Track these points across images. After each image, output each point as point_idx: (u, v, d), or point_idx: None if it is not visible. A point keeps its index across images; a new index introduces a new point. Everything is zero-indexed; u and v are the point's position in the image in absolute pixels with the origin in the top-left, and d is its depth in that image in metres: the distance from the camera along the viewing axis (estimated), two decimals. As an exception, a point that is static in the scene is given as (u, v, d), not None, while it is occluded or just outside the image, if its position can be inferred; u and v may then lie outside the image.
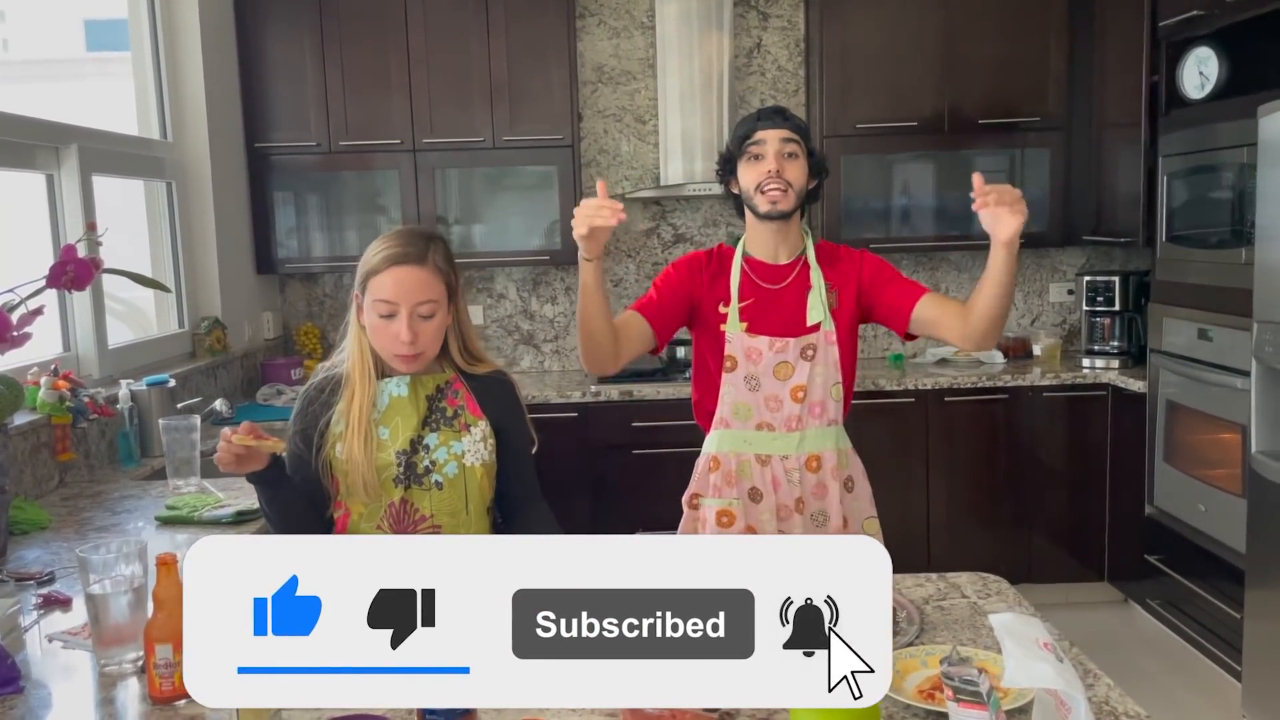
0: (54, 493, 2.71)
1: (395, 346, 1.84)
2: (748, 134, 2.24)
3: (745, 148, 2.24)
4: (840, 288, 2.28)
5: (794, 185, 2.21)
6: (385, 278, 1.84)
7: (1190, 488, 3.57)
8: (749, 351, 2.26)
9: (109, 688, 1.51)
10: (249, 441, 1.72)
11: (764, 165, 2.21)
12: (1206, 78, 3.47)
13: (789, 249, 2.29)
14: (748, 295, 2.27)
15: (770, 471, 2.27)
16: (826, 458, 2.29)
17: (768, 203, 2.21)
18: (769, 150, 2.21)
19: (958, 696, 1.09)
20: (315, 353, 4.51)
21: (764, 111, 2.26)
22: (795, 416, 2.26)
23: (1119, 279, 4.23)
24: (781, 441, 2.27)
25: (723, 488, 2.28)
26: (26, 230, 3.21)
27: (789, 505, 2.26)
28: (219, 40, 4.02)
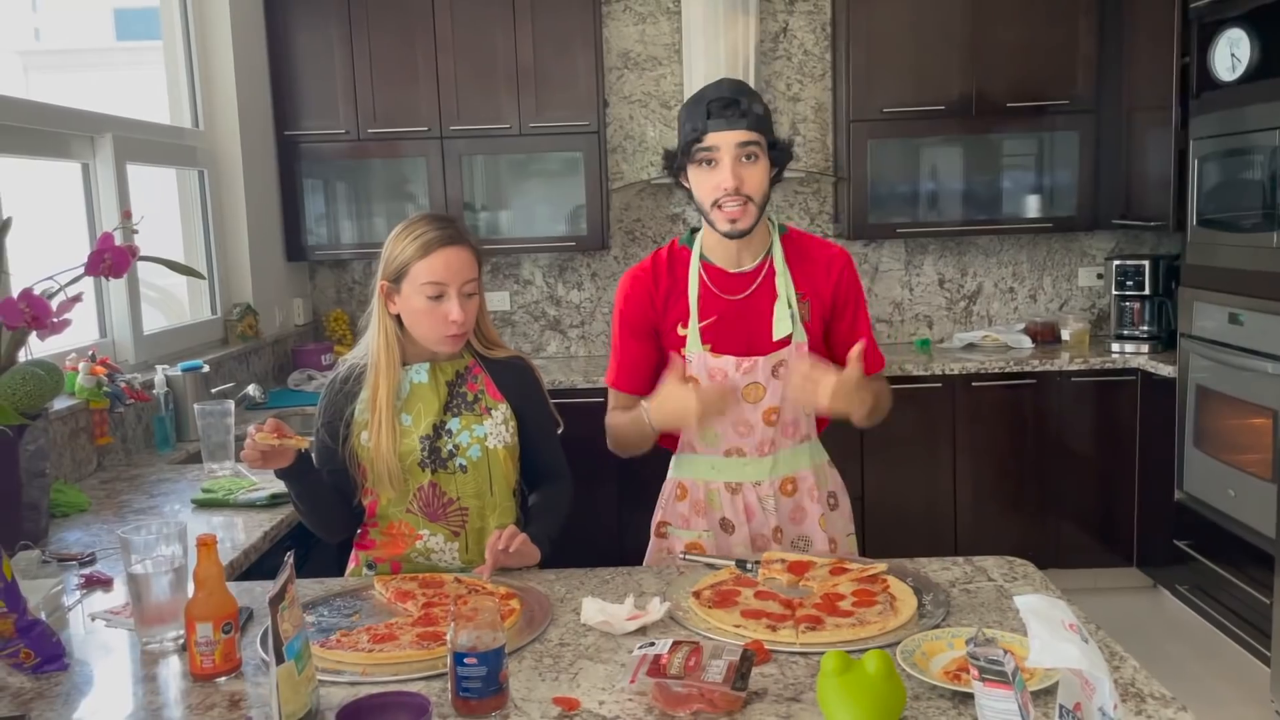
0: (92, 476, 2.76)
1: (445, 328, 1.87)
2: (696, 136, 1.91)
3: (694, 152, 1.93)
4: (811, 297, 2.04)
5: (755, 197, 1.93)
6: (435, 260, 1.86)
7: (1220, 473, 3.55)
8: (712, 373, 2.01)
9: (150, 665, 1.55)
10: (272, 440, 1.75)
11: (718, 177, 1.91)
12: (1238, 59, 3.43)
13: (753, 252, 2.03)
14: (709, 311, 2.01)
15: (742, 499, 2.07)
16: (802, 478, 2.09)
17: (726, 221, 1.93)
18: (724, 158, 1.90)
19: (983, 676, 1.10)
20: (345, 339, 4.56)
21: (714, 104, 1.91)
22: (768, 440, 2.05)
23: (1149, 263, 4.20)
24: (753, 467, 2.06)
25: (691, 518, 2.09)
26: (62, 218, 3.26)
27: (765, 535, 2.07)
28: (249, 29, 4.06)
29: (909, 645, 1.47)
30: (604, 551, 2.59)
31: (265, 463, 1.78)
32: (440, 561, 1.95)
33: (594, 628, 1.60)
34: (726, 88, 1.95)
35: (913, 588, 1.70)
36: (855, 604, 1.64)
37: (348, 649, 1.50)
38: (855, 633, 1.53)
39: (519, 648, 1.51)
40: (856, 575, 1.75)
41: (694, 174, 1.97)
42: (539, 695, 1.39)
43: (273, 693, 1.25)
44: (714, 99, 1.92)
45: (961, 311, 4.72)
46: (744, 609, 1.64)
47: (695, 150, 1.93)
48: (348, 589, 1.81)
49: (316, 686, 1.35)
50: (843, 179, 4.42)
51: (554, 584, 1.82)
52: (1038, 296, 4.71)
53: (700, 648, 1.40)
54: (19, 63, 4.84)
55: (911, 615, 1.60)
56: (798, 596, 1.70)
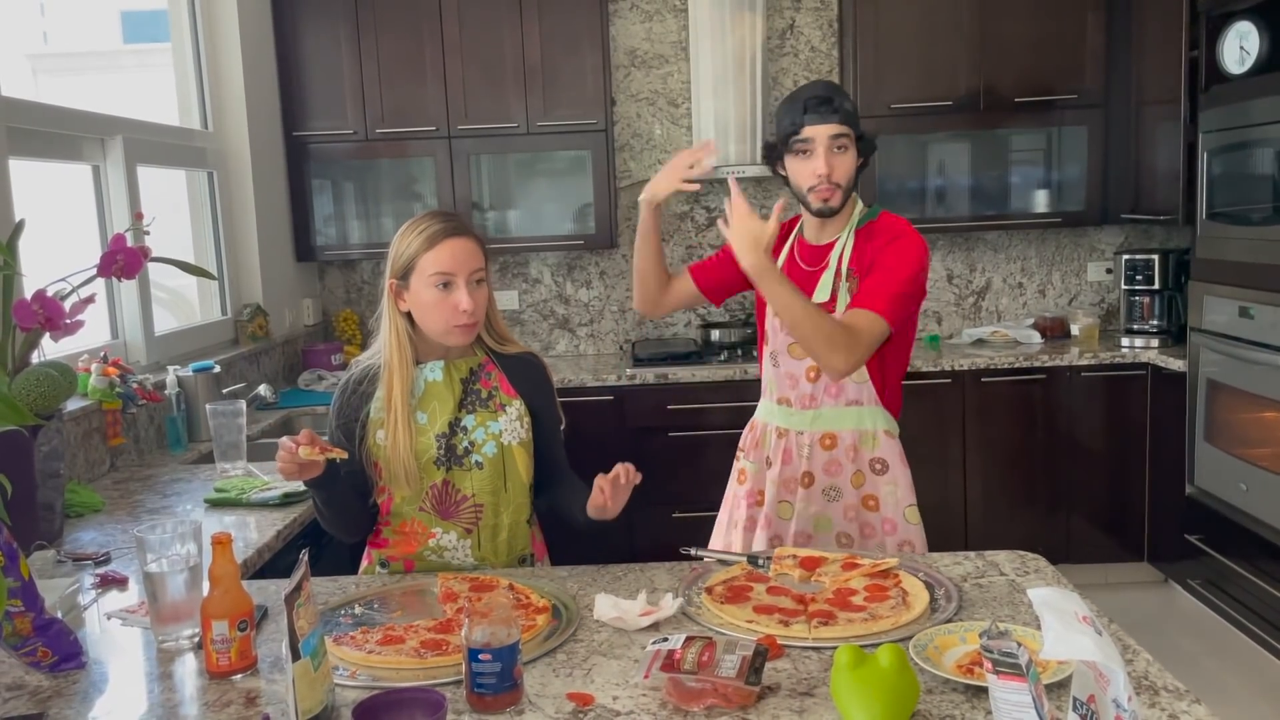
0: (105, 476, 2.78)
1: (455, 317, 1.88)
2: (795, 129, 2.16)
3: (792, 144, 2.18)
4: (859, 270, 2.22)
5: (843, 183, 2.19)
6: (441, 251, 1.88)
7: (1231, 467, 3.54)
8: (774, 330, 2.32)
9: (167, 663, 1.56)
10: (316, 456, 1.75)
11: (813, 165, 2.16)
12: (1247, 52, 3.42)
13: (833, 230, 2.28)
14: (787, 270, 2.27)
15: (785, 444, 2.31)
16: (843, 437, 2.27)
17: (819, 201, 2.20)
18: (818, 148, 2.15)
19: (997, 669, 1.11)
20: (355, 339, 4.57)
21: (810, 100, 2.15)
22: (809, 395, 2.29)
23: (1158, 257, 4.19)
24: (797, 417, 2.30)
25: (749, 450, 2.40)
26: (73, 220, 3.27)
27: (795, 479, 2.30)
28: (257, 31, 4.07)
29: (922, 639, 1.47)
30: (615, 548, 2.60)
31: (301, 474, 1.79)
32: (453, 560, 1.96)
33: (607, 624, 1.61)
34: (821, 87, 2.20)
35: (924, 582, 1.71)
36: (867, 599, 1.64)
37: (352, 646, 1.51)
38: (868, 627, 1.53)
39: (535, 658, 1.50)
40: (868, 570, 1.75)
41: (791, 163, 2.22)
42: (553, 691, 1.40)
43: (289, 689, 1.26)
44: (810, 97, 2.17)
45: (970, 307, 4.72)
46: (756, 604, 1.65)
47: (793, 142, 2.18)
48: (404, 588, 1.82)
49: (332, 683, 1.36)
50: (850, 175, 4.40)
51: (566, 581, 1.83)
52: (1047, 291, 4.70)
53: (714, 643, 1.40)
54: (28, 66, 4.86)
55: (924, 610, 1.60)
56: (810, 592, 1.70)
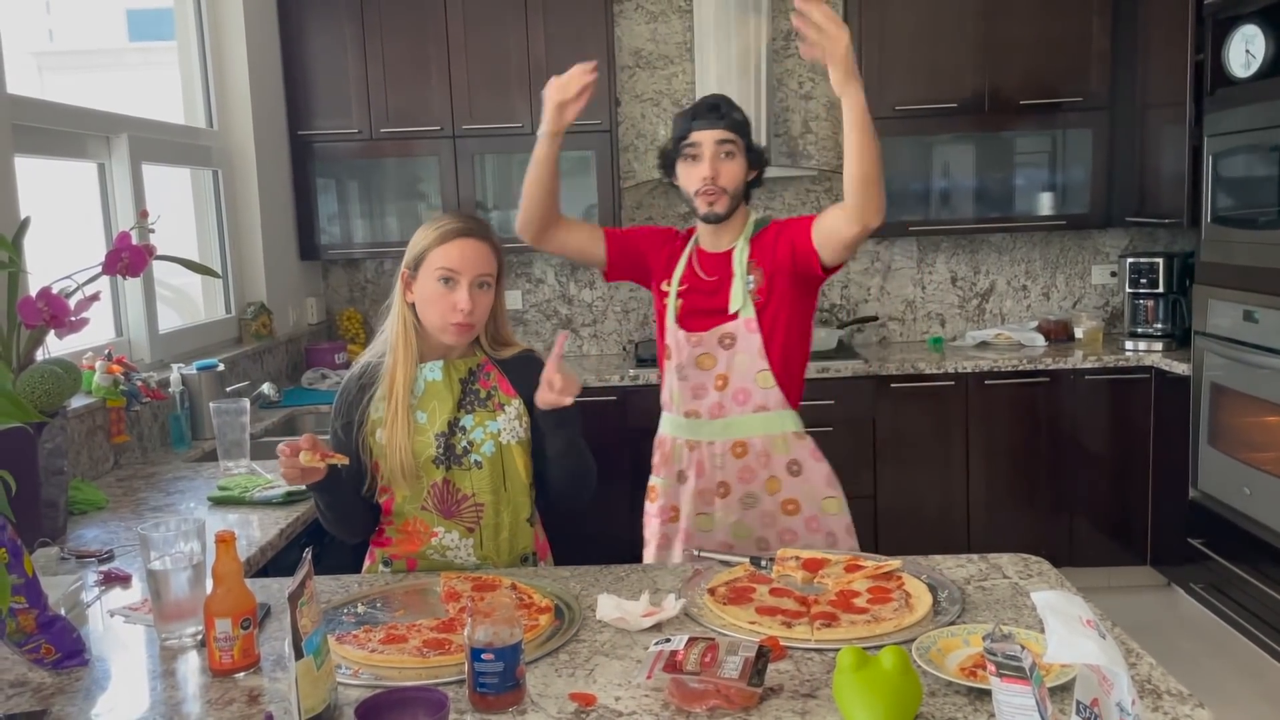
0: (109, 474, 2.78)
1: (452, 315, 1.89)
2: (683, 134, 2.24)
3: (681, 149, 2.26)
4: (764, 263, 2.27)
5: (729, 189, 2.24)
6: (451, 248, 1.90)
7: (1235, 471, 3.54)
8: (678, 344, 2.33)
9: (169, 660, 1.56)
10: (316, 463, 1.76)
11: (699, 170, 2.23)
12: (1253, 56, 3.42)
13: (728, 238, 2.33)
14: (686, 281, 2.34)
15: (696, 456, 2.34)
16: (753, 443, 2.31)
17: (705, 205, 2.25)
18: (704, 153, 2.22)
19: (1000, 671, 1.10)
20: (358, 337, 4.57)
21: (699, 109, 2.25)
22: (717, 404, 2.31)
23: (1163, 260, 4.18)
24: (706, 428, 2.32)
25: (659, 466, 2.41)
26: (78, 218, 3.28)
27: (711, 489, 2.33)
28: (262, 30, 4.07)
29: (925, 642, 1.47)
30: (617, 549, 2.60)
31: (304, 478, 1.80)
32: (455, 559, 1.96)
33: (610, 624, 1.61)
34: (712, 97, 2.30)
35: (928, 585, 1.70)
36: (870, 601, 1.64)
37: (354, 645, 1.51)
38: (870, 629, 1.53)
39: (537, 658, 1.50)
40: (871, 572, 1.75)
41: (681, 168, 2.29)
42: (555, 691, 1.40)
43: (292, 688, 1.26)
44: (699, 105, 2.28)
45: (974, 309, 4.71)
46: (759, 605, 1.64)
47: (682, 147, 2.26)
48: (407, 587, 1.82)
49: (335, 682, 1.36)
50: (855, 177, 4.40)
51: (569, 581, 1.83)
52: (1051, 294, 4.70)
53: (716, 644, 1.40)
54: (33, 63, 4.86)
55: (927, 612, 1.60)
56: (812, 594, 1.70)
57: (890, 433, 4.09)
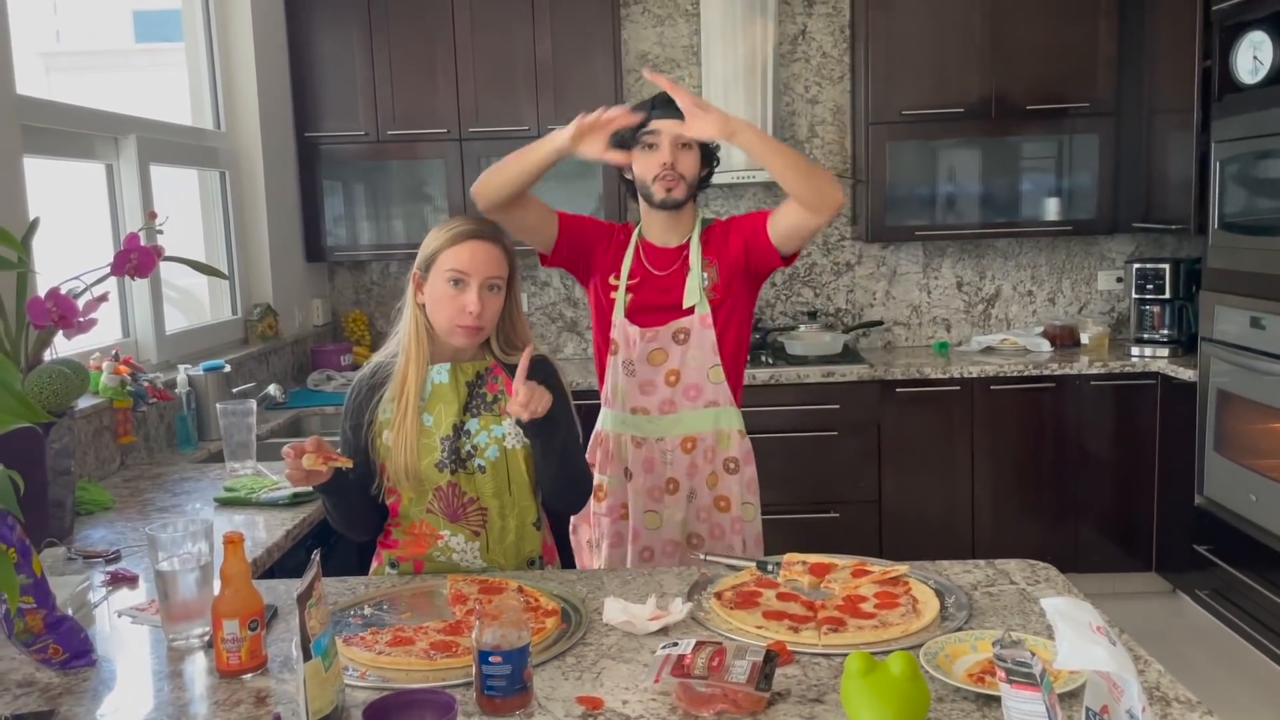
0: (115, 474, 2.78)
1: (460, 317, 1.89)
2: (643, 123, 2.25)
3: (640, 137, 2.27)
4: (717, 259, 2.33)
5: (686, 176, 2.28)
6: (461, 249, 1.90)
7: (1241, 477, 3.53)
8: (627, 338, 2.33)
9: (176, 661, 1.56)
10: (320, 467, 1.77)
11: (659, 156, 2.27)
12: (1260, 62, 3.41)
13: (680, 233, 2.36)
14: (636, 275, 2.35)
15: (644, 453, 2.35)
16: (703, 439, 2.35)
17: (663, 191, 2.28)
18: (664, 141, 2.26)
19: (1010, 678, 1.10)
20: (363, 339, 4.58)
21: (659, 99, 2.27)
22: (668, 399, 2.33)
23: (1169, 266, 4.18)
24: (655, 425, 2.34)
25: (604, 463, 2.38)
26: (83, 218, 3.28)
27: (660, 486, 2.35)
28: (270, 32, 4.08)
29: (932, 647, 1.47)
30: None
31: (308, 481, 1.81)
32: (462, 562, 1.96)
33: (616, 628, 1.60)
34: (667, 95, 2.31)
35: (935, 590, 1.70)
36: (877, 606, 1.64)
37: (362, 647, 1.51)
38: (878, 634, 1.53)
39: (544, 661, 1.50)
40: (878, 577, 1.75)
41: (639, 157, 2.30)
42: (563, 694, 1.40)
43: (300, 689, 1.26)
44: (658, 96, 2.28)
45: (980, 314, 4.71)
46: (766, 610, 1.64)
47: (641, 134, 2.27)
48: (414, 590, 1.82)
49: (343, 684, 1.36)
50: (861, 181, 4.41)
51: (575, 584, 1.83)
52: (1057, 300, 4.70)
53: (724, 648, 1.40)
54: (40, 64, 4.87)
55: (934, 618, 1.60)
56: (819, 598, 1.70)
57: (895, 437, 4.08)
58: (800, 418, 3.99)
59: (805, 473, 4.06)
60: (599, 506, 2.39)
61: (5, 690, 1.48)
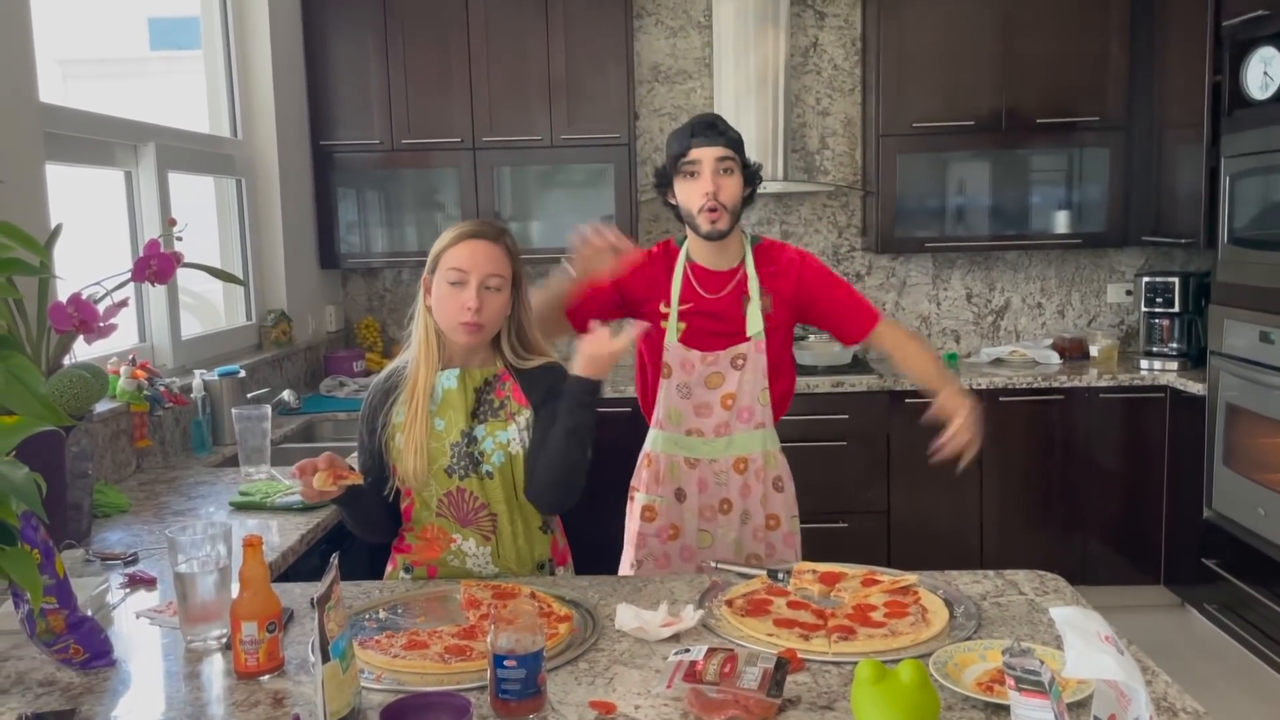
0: (131, 478, 2.81)
1: (460, 315, 1.91)
2: (682, 152, 2.26)
3: (680, 166, 2.27)
4: (775, 292, 2.34)
5: (729, 205, 2.26)
6: (460, 249, 1.93)
7: (1250, 491, 3.54)
8: (684, 362, 2.33)
9: (194, 663, 1.59)
10: (330, 488, 1.80)
11: (700, 185, 2.25)
12: (1271, 78, 3.43)
13: (729, 257, 2.35)
14: (688, 299, 2.34)
15: (698, 474, 2.36)
16: (753, 459, 2.37)
17: (708, 224, 2.26)
18: (704, 170, 2.24)
19: (1020, 686, 1.12)
20: (376, 346, 4.61)
21: (697, 126, 2.27)
22: (724, 422, 2.35)
23: (1179, 280, 4.18)
24: (709, 446, 2.36)
25: (652, 484, 2.38)
26: (100, 224, 3.31)
27: (714, 506, 2.37)
28: (287, 42, 4.12)
29: (941, 656, 1.48)
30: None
31: (321, 498, 1.84)
32: (474, 566, 1.98)
33: (629, 634, 1.62)
34: (708, 116, 2.32)
35: (944, 600, 1.72)
36: (887, 615, 1.66)
37: (377, 650, 1.53)
38: (888, 643, 1.55)
39: (557, 666, 1.51)
40: (888, 587, 1.76)
41: (680, 186, 2.30)
42: (576, 699, 1.42)
43: (318, 691, 1.28)
44: (697, 122, 2.28)
45: (989, 326, 4.72)
46: (776, 618, 1.66)
47: (681, 164, 2.27)
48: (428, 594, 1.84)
49: (360, 686, 1.38)
50: (871, 193, 4.43)
51: (587, 590, 1.85)
52: (1066, 312, 4.71)
53: (735, 655, 1.42)
54: (58, 71, 4.92)
55: (943, 627, 1.61)
56: (829, 607, 1.71)
57: (904, 448, 4.09)
58: (809, 428, 4.00)
59: (814, 483, 4.04)
60: (648, 527, 2.38)
61: (27, 689, 1.50)
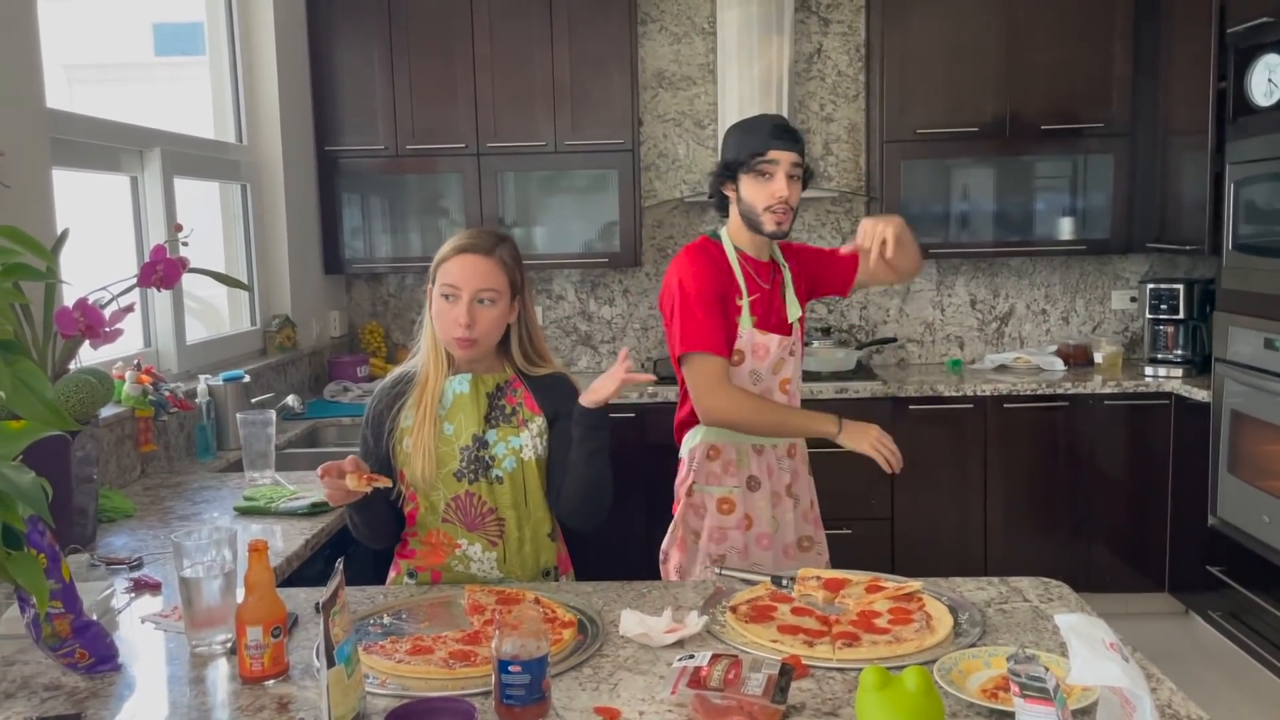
0: (136, 483, 2.81)
1: (453, 330, 1.92)
2: (761, 150, 2.28)
3: (755, 164, 2.29)
4: (799, 279, 2.48)
5: (794, 208, 2.33)
6: (451, 264, 1.94)
7: (1254, 498, 3.53)
8: (756, 348, 2.37)
9: (200, 667, 1.59)
10: (363, 487, 1.80)
11: (773, 187, 2.28)
12: (1275, 85, 3.43)
13: (767, 250, 2.45)
14: (753, 290, 2.39)
15: (765, 460, 2.43)
16: (798, 444, 2.51)
17: (773, 224, 2.31)
18: (779, 172, 2.28)
19: (1025, 692, 1.12)
20: (380, 351, 4.62)
21: (776, 129, 2.29)
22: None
23: (1183, 286, 4.18)
24: None
25: (722, 476, 2.41)
26: (107, 229, 3.32)
27: (780, 492, 2.45)
28: (292, 47, 4.13)
29: (946, 663, 1.48)
30: (637, 565, 2.61)
31: (346, 499, 1.85)
32: (479, 571, 1.98)
33: (633, 640, 1.62)
34: (778, 119, 2.35)
35: (948, 607, 1.71)
36: (891, 621, 1.66)
37: (381, 655, 1.53)
38: (892, 650, 1.55)
39: (561, 671, 1.51)
40: (892, 593, 1.76)
41: (748, 182, 2.31)
42: (580, 705, 1.42)
43: (323, 695, 1.28)
44: (775, 124, 2.31)
45: (993, 333, 4.72)
46: (781, 624, 1.66)
47: (757, 161, 2.28)
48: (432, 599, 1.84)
49: (364, 691, 1.38)
50: (875, 199, 4.43)
51: (591, 596, 1.85)
52: (1070, 319, 4.70)
53: (740, 661, 1.42)
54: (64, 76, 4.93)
55: (948, 634, 1.61)
56: (834, 613, 1.71)
57: (908, 454, 4.01)
58: (813, 434, 4.00)
59: (818, 489, 4.05)
60: (727, 520, 2.39)
61: (33, 693, 1.51)
